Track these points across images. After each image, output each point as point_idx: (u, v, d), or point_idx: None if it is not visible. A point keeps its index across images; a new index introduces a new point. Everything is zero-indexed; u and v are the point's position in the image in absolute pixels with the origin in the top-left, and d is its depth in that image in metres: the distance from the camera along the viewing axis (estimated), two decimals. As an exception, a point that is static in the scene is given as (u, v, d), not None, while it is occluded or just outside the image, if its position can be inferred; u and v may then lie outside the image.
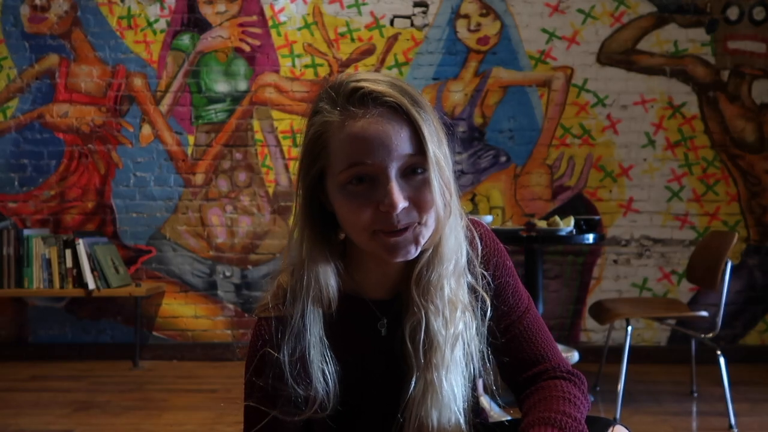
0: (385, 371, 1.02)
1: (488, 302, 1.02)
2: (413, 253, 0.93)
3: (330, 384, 0.97)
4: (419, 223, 0.92)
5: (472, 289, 1.02)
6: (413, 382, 0.98)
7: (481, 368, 1.02)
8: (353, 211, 0.91)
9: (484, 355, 1.02)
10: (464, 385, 1.01)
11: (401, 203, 0.89)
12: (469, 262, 1.02)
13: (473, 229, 1.04)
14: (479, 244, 1.04)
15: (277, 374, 0.96)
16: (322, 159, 0.94)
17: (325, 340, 0.98)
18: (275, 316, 0.97)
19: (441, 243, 0.96)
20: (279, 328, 0.97)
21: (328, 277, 0.97)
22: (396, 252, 0.92)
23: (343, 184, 0.91)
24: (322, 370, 0.97)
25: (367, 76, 0.92)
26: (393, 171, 0.89)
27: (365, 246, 0.94)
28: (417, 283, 0.98)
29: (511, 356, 1.06)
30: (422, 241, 0.93)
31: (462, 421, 1.00)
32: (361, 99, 0.90)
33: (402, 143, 0.89)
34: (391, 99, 0.90)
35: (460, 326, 0.98)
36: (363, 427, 1.04)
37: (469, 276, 1.02)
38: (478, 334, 1.01)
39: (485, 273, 1.03)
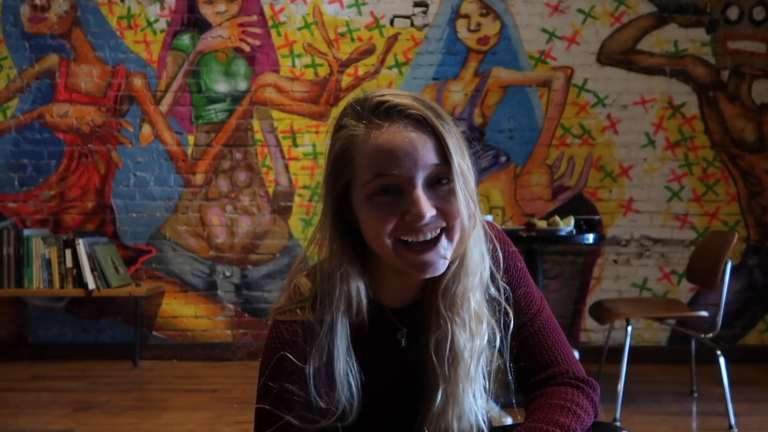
0: (402, 383, 1.01)
1: (511, 315, 1.02)
2: (441, 268, 0.94)
3: (354, 394, 0.97)
4: (445, 235, 0.92)
5: (495, 302, 1.02)
6: (439, 395, 0.98)
7: (497, 381, 1.03)
8: (379, 221, 0.91)
9: (507, 371, 1.03)
10: (484, 398, 1.01)
11: (429, 212, 0.89)
12: (491, 275, 1.02)
13: (495, 241, 1.04)
14: (500, 254, 1.04)
15: (296, 380, 0.95)
16: (348, 172, 0.94)
17: (351, 350, 0.98)
18: (299, 321, 0.97)
19: (466, 255, 0.96)
20: (304, 334, 0.96)
21: (360, 292, 0.97)
22: (425, 268, 0.92)
23: (370, 196, 0.92)
24: (348, 381, 0.97)
25: (391, 91, 0.94)
26: (420, 181, 0.90)
27: (390, 259, 0.94)
28: (443, 296, 0.97)
29: (522, 359, 1.06)
30: (449, 256, 0.94)
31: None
32: (387, 112, 0.92)
33: (427, 153, 0.90)
34: (416, 111, 0.91)
35: (485, 339, 0.99)
36: None
37: (492, 289, 1.02)
38: (501, 349, 1.01)
39: (507, 287, 1.03)
